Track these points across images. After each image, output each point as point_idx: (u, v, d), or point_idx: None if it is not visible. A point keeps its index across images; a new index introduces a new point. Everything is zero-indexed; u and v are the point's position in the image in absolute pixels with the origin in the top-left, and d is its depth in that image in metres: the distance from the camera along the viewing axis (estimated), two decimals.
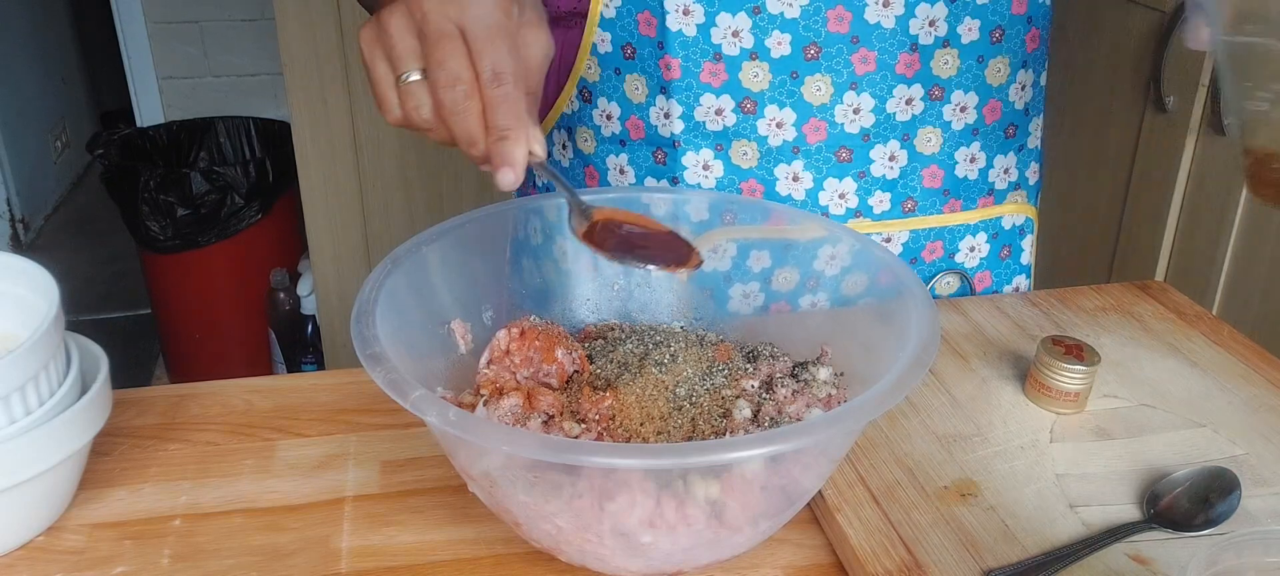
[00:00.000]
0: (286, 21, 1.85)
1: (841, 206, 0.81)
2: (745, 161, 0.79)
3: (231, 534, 0.62)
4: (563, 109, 0.82)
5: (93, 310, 2.90)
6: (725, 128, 0.78)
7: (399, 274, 0.61)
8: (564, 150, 0.84)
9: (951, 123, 0.79)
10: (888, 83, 0.77)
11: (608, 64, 0.78)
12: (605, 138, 0.81)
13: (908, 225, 0.83)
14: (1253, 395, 0.71)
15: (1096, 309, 0.82)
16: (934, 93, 0.78)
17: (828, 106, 0.76)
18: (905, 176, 0.81)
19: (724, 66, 0.75)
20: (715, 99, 0.77)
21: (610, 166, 0.82)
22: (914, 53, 0.76)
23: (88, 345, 0.65)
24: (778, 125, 0.77)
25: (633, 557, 0.54)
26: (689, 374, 0.62)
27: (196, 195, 2.30)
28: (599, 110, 0.81)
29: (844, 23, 0.74)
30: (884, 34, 0.75)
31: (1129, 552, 0.57)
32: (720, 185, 0.80)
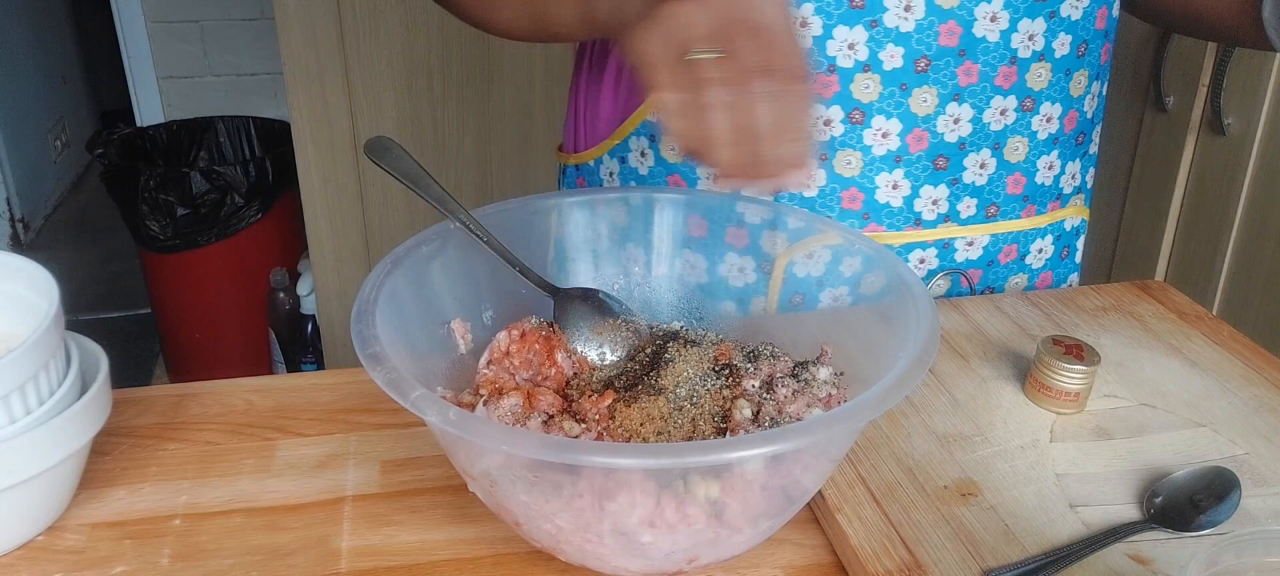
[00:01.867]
0: (286, 21, 1.85)
1: (934, 212, 0.83)
2: (848, 170, 0.80)
3: (231, 533, 0.62)
4: (646, 116, 0.82)
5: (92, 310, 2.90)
6: (831, 138, 0.79)
7: (399, 273, 0.61)
8: (644, 157, 0.84)
9: (1037, 132, 0.82)
10: (987, 94, 0.80)
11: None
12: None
13: (989, 230, 0.85)
14: (1253, 395, 0.71)
15: (1097, 309, 0.82)
16: (1026, 104, 0.81)
17: (931, 117, 0.79)
18: (992, 183, 0.84)
19: (837, 78, 0.77)
20: (825, 110, 0.78)
21: (702, 174, 0.83)
22: (1013, 65, 0.79)
23: (87, 345, 0.65)
24: (883, 135, 0.79)
25: (632, 557, 0.54)
26: (689, 374, 0.62)
27: (196, 195, 2.30)
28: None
29: (954, 37, 0.77)
30: (988, 47, 0.78)
31: (1129, 552, 0.57)
32: (822, 193, 0.82)
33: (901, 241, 0.83)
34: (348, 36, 1.87)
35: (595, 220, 0.71)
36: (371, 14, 1.86)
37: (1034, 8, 0.77)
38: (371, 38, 1.88)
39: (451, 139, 1.98)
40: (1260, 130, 1.44)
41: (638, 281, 0.72)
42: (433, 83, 1.93)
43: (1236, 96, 1.46)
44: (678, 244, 0.71)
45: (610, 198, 0.72)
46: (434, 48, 1.90)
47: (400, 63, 1.90)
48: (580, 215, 0.71)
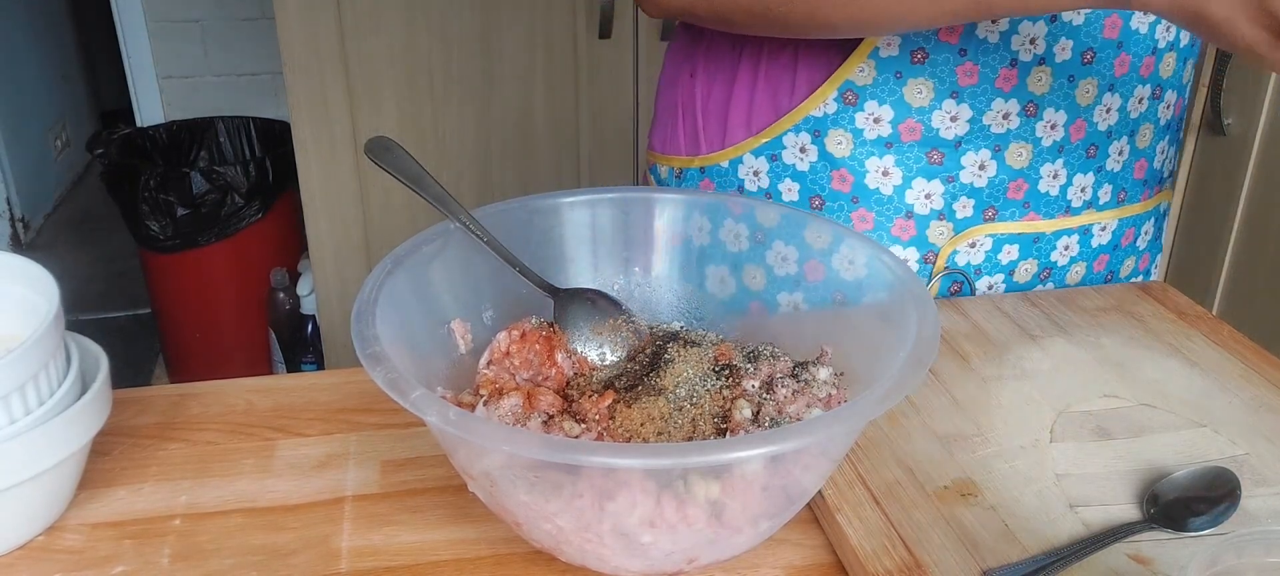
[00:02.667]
0: (287, 20, 1.85)
1: (1080, 199, 0.87)
2: (1019, 161, 0.83)
3: (231, 533, 0.62)
4: (810, 112, 0.83)
5: (92, 309, 2.90)
6: (1008, 130, 0.82)
7: (399, 273, 0.61)
8: (804, 153, 0.85)
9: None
10: (1131, 84, 0.83)
11: (887, 68, 0.80)
12: (869, 140, 0.83)
13: (1118, 214, 0.89)
14: (1253, 395, 0.71)
15: (1097, 309, 0.82)
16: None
17: (1089, 106, 0.83)
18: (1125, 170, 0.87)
19: (1017, 72, 0.80)
20: (1004, 103, 0.81)
21: (871, 169, 0.84)
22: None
23: (87, 345, 0.65)
24: (1052, 127, 0.83)
25: (633, 557, 0.54)
26: (689, 374, 0.62)
27: (196, 194, 2.30)
28: (866, 114, 0.82)
29: None
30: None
31: (1129, 552, 0.57)
32: (991, 183, 0.84)
33: (1053, 229, 0.86)
34: (348, 36, 1.87)
35: (596, 220, 0.71)
36: (372, 13, 1.86)
37: None
38: (372, 37, 1.88)
39: (452, 139, 1.98)
40: (1260, 131, 1.44)
41: (637, 281, 0.72)
42: (433, 82, 1.93)
43: (1236, 97, 1.46)
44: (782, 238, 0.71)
45: (610, 197, 0.72)
46: (434, 47, 1.90)
47: (400, 62, 1.90)
48: (580, 215, 0.71)
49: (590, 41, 1.93)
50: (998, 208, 0.85)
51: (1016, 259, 0.87)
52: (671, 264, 0.72)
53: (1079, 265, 0.89)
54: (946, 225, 0.85)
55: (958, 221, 0.85)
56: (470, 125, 1.97)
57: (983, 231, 0.85)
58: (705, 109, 0.90)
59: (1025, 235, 0.86)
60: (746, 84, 0.87)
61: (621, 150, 2.03)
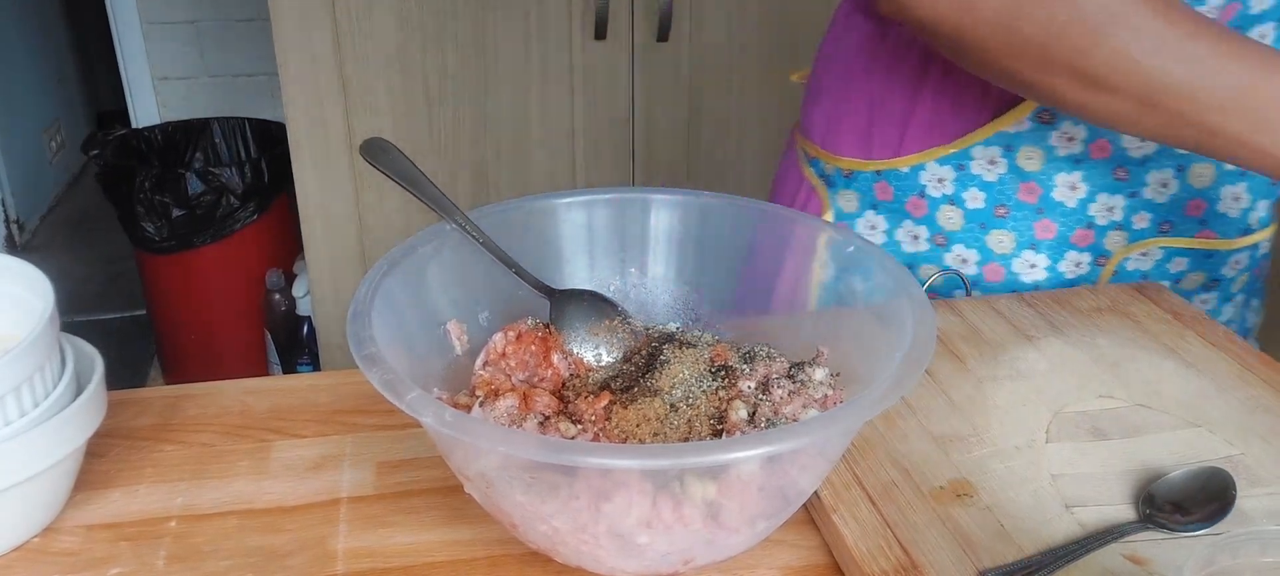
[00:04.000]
0: (282, 22, 1.84)
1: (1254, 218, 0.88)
2: (1200, 182, 0.85)
3: (227, 535, 0.61)
4: (1002, 128, 0.85)
5: (88, 311, 2.89)
6: None
7: (395, 275, 0.61)
8: (993, 165, 0.87)
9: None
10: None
11: None
12: (1060, 156, 0.85)
13: None
14: (1248, 396, 0.71)
15: (1093, 309, 0.82)
16: None
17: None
18: None
19: None
20: None
21: (1059, 183, 0.86)
22: None
23: (83, 346, 0.64)
24: None
25: (629, 558, 0.54)
26: (685, 375, 0.62)
27: (192, 196, 2.30)
28: (1060, 132, 0.84)
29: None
30: None
31: (1125, 553, 0.57)
32: (1172, 199, 0.86)
33: (1228, 247, 0.88)
34: (343, 37, 1.87)
35: (592, 220, 0.71)
36: (367, 15, 1.86)
37: None
38: (367, 38, 1.87)
39: (447, 140, 1.98)
40: None
41: (633, 282, 0.72)
42: (428, 84, 1.93)
43: None
44: None
45: (606, 198, 0.72)
46: (430, 48, 1.90)
47: (396, 64, 1.90)
48: (576, 216, 0.71)
49: (586, 43, 1.93)
50: (1174, 222, 0.86)
51: (1185, 270, 0.89)
52: (667, 265, 0.72)
53: (1244, 276, 0.91)
54: (1122, 234, 0.87)
55: (1133, 232, 0.87)
56: (466, 126, 1.97)
57: (1156, 243, 0.87)
58: (882, 112, 0.90)
59: (1197, 250, 0.87)
60: (932, 94, 0.88)
61: (617, 151, 2.03)
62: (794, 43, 1.97)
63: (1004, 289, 0.89)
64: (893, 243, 0.93)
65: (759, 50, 1.98)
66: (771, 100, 2.02)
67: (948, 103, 0.87)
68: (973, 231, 0.89)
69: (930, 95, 0.88)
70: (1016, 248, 0.87)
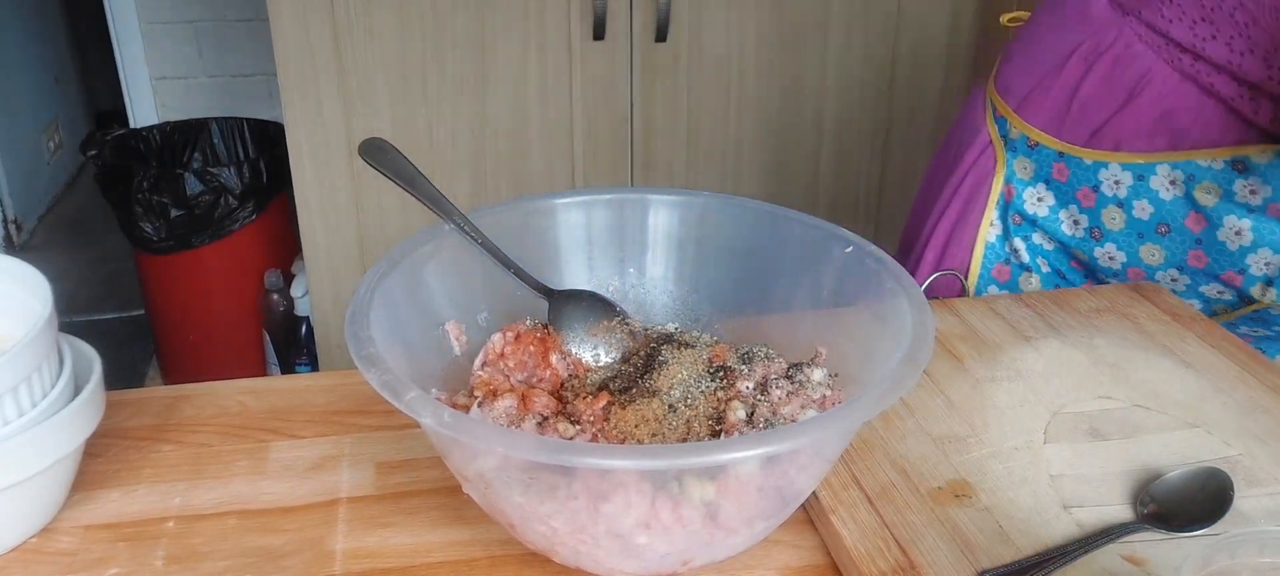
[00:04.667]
0: (280, 22, 1.84)
1: None
2: None
3: (225, 535, 0.61)
4: (1195, 159, 0.87)
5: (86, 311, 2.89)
6: None
7: (394, 275, 0.61)
8: (1172, 187, 0.88)
9: None
10: None
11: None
12: (1236, 202, 0.87)
13: None
14: (1246, 396, 0.71)
15: (1091, 310, 0.82)
16: None
17: None
18: None
19: None
20: None
21: (1227, 224, 0.87)
22: None
23: (81, 346, 0.64)
24: None
25: (628, 559, 0.54)
26: (684, 376, 0.62)
27: (190, 196, 2.29)
28: (1247, 183, 0.86)
29: None
30: None
31: (1123, 553, 0.57)
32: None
33: None
34: (342, 37, 1.87)
35: (590, 221, 0.71)
36: (365, 15, 1.86)
37: None
38: (365, 38, 1.87)
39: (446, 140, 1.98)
40: None
41: (632, 283, 0.72)
42: (427, 84, 1.93)
43: None
44: None
45: (605, 199, 0.72)
46: (428, 49, 1.90)
47: (394, 64, 1.90)
48: (575, 216, 0.71)
49: (584, 43, 1.93)
50: None
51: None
52: (666, 265, 0.72)
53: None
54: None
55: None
56: (464, 126, 1.97)
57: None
58: (1086, 101, 0.91)
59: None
60: (1141, 113, 0.88)
61: (616, 151, 2.03)
62: (792, 42, 1.97)
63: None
64: (1054, 220, 0.95)
65: (757, 51, 1.98)
66: (770, 100, 2.02)
67: (1148, 119, 0.88)
68: (1130, 237, 0.90)
69: (1139, 108, 0.88)
70: (1165, 263, 0.89)
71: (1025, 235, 0.96)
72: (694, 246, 0.71)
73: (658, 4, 1.88)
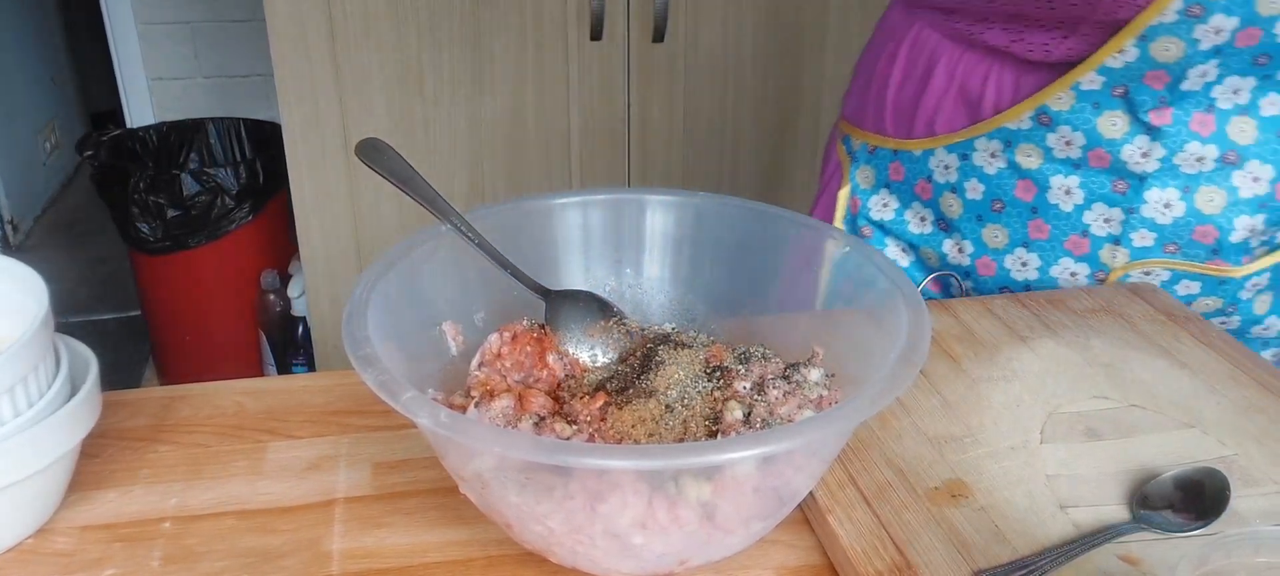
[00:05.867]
0: (277, 22, 1.84)
1: None
2: (1210, 207, 0.84)
3: (222, 536, 0.61)
4: (1005, 123, 0.86)
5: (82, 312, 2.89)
6: (1200, 173, 0.83)
7: (390, 275, 0.61)
8: (994, 159, 0.88)
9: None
10: None
11: (1086, 99, 0.82)
12: (1057, 158, 0.85)
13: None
14: (1241, 396, 0.71)
15: (1087, 310, 0.83)
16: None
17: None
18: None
19: (1213, 118, 0.80)
20: (1201, 146, 0.81)
21: (1055, 185, 0.86)
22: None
23: (77, 347, 0.64)
24: (1254, 179, 0.82)
25: (624, 559, 0.54)
26: (681, 376, 0.62)
27: (187, 196, 2.29)
28: (1058, 135, 0.84)
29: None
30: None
31: (1119, 553, 0.57)
32: (1177, 222, 0.85)
33: (1242, 273, 0.86)
34: (338, 38, 1.86)
35: (587, 221, 0.71)
36: (362, 15, 1.86)
37: None
38: (362, 39, 1.87)
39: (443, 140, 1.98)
40: None
41: (629, 283, 0.72)
42: (424, 84, 1.93)
43: None
44: None
45: (602, 199, 0.72)
46: (425, 49, 1.90)
47: (391, 64, 1.90)
48: (572, 217, 0.71)
49: (581, 43, 1.93)
50: (1181, 246, 0.85)
51: (1196, 293, 0.87)
52: (663, 266, 0.72)
53: (1267, 296, 0.89)
54: (1122, 250, 0.86)
55: (1135, 249, 0.86)
56: (461, 127, 1.97)
57: (1161, 264, 0.86)
58: (896, 99, 0.94)
59: (1209, 276, 0.86)
60: (938, 90, 0.90)
61: (613, 152, 2.03)
62: (789, 43, 1.97)
63: (994, 284, 0.90)
64: (901, 221, 0.96)
65: (754, 51, 1.98)
66: (767, 101, 2.02)
67: (947, 101, 0.90)
68: (970, 222, 0.90)
69: (934, 93, 0.90)
70: (1009, 243, 0.88)
71: (878, 245, 0.98)
72: (691, 247, 0.72)
73: (655, 4, 1.88)
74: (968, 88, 0.88)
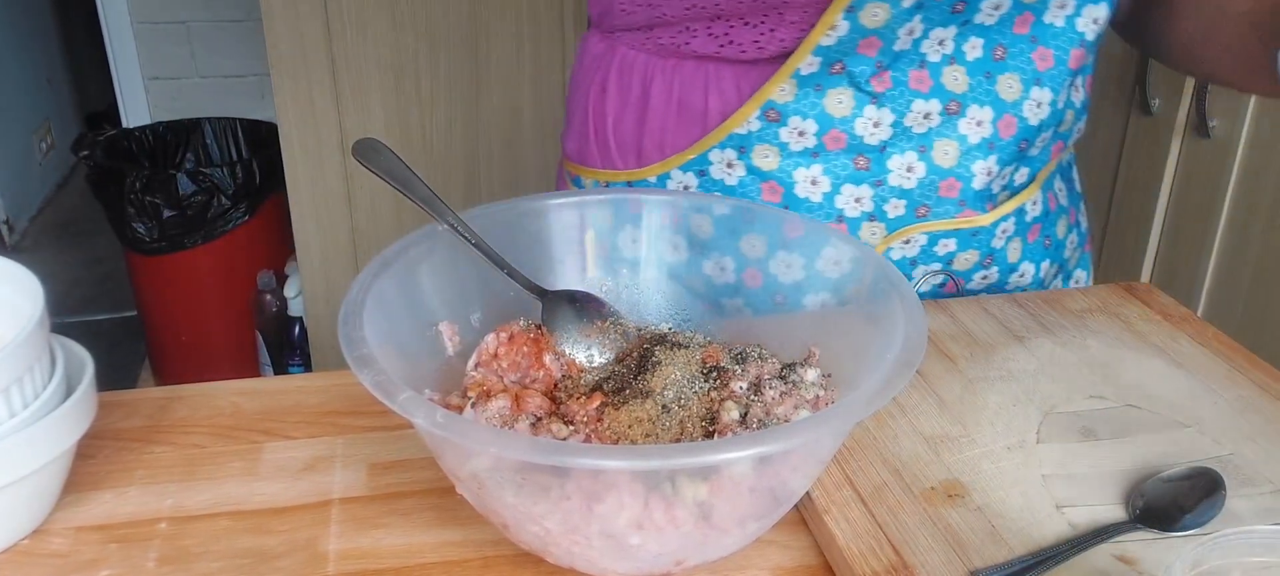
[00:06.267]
0: (273, 22, 1.84)
1: None
2: (947, 160, 0.84)
3: (218, 536, 0.61)
4: (733, 130, 0.84)
5: (78, 312, 2.88)
6: (929, 129, 0.83)
7: (387, 275, 0.61)
8: (731, 169, 0.86)
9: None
10: None
11: (807, 83, 0.81)
12: (795, 152, 0.84)
13: None
14: (1238, 396, 0.71)
15: (1083, 310, 0.83)
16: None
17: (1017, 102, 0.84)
18: None
19: (928, 72, 0.81)
20: (924, 103, 0.81)
21: (799, 179, 0.85)
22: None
23: (73, 347, 0.64)
24: (977, 123, 0.83)
25: (621, 559, 0.54)
26: (677, 376, 0.62)
27: (183, 196, 2.29)
28: (790, 128, 0.83)
29: None
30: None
31: (1115, 552, 0.57)
32: (921, 184, 0.85)
33: (990, 220, 0.86)
34: (335, 38, 1.86)
35: (583, 222, 0.71)
36: (359, 15, 1.86)
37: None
38: (359, 39, 1.87)
39: (439, 140, 1.98)
40: (1244, 133, 1.45)
41: (625, 283, 0.72)
42: (420, 84, 1.93)
43: (1221, 100, 1.47)
44: (773, 246, 0.72)
45: (598, 199, 0.72)
46: (422, 49, 1.90)
47: (388, 64, 1.90)
48: (568, 217, 0.71)
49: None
50: (931, 205, 0.85)
51: (955, 250, 0.87)
52: (659, 266, 0.72)
53: (1016, 242, 0.89)
54: (878, 226, 0.85)
55: (889, 221, 0.85)
56: (458, 126, 1.97)
57: (918, 229, 0.85)
58: (617, 131, 0.90)
59: (962, 230, 0.86)
60: (659, 111, 0.87)
61: None
62: None
63: (764, 294, 0.77)
64: (654, 254, 0.87)
65: None
66: None
67: (670, 120, 0.87)
68: (724, 238, 0.79)
69: (656, 115, 0.87)
70: (769, 249, 0.78)
71: None
72: (687, 246, 0.72)
73: None
74: (689, 102, 0.86)
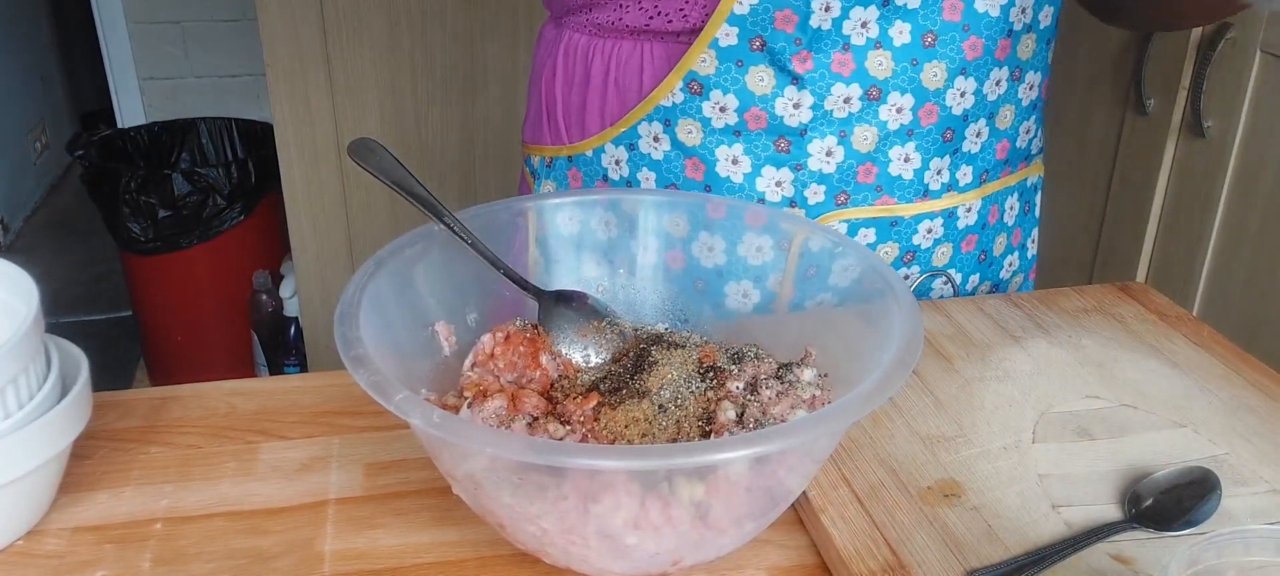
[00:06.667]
0: (269, 22, 1.84)
1: (938, 182, 0.87)
2: (865, 145, 0.83)
3: (213, 537, 0.61)
4: (659, 101, 0.84)
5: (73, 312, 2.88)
6: (850, 114, 0.82)
7: (382, 276, 0.61)
8: (657, 142, 0.86)
9: (1022, 100, 0.85)
10: (987, 66, 0.83)
11: (727, 57, 0.80)
12: (717, 129, 0.83)
13: (982, 193, 0.89)
14: (1233, 396, 0.71)
15: (1078, 310, 0.83)
16: (1015, 74, 0.84)
17: (941, 90, 0.83)
18: (984, 150, 0.88)
19: (852, 56, 0.80)
20: (845, 87, 0.81)
21: (721, 157, 0.85)
22: (1008, 38, 0.82)
23: (68, 347, 0.64)
24: (897, 110, 0.82)
25: (617, 559, 0.54)
26: (673, 376, 0.62)
27: (178, 196, 2.29)
28: (712, 103, 0.83)
29: (956, 11, 0.80)
30: (991, 21, 0.81)
31: (1111, 552, 0.57)
32: (840, 168, 0.84)
33: (912, 212, 0.86)
34: (331, 37, 1.86)
35: (579, 222, 0.71)
36: (354, 15, 1.85)
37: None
38: (354, 38, 1.87)
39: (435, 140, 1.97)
40: (1240, 133, 1.45)
41: (622, 283, 0.72)
42: (416, 84, 1.92)
43: (1216, 99, 1.48)
44: (694, 229, 0.71)
45: (594, 199, 0.72)
46: (417, 48, 1.90)
47: (383, 64, 1.90)
48: (564, 216, 0.71)
49: None
50: (850, 192, 0.84)
51: (874, 242, 0.87)
52: (656, 266, 0.72)
53: (945, 246, 0.89)
54: (798, 212, 0.85)
55: (810, 208, 0.85)
56: (454, 126, 1.97)
57: (836, 217, 0.85)
58: (565, 108, 0.92)
59: (881, 219, 0.86)
60: (598, 86, 0.88)
61: None
62: None
63: (685, 277, 0.78)
64: (589, 231, 0.89)
65: None
66: None
67: (610, 90, 0.88)
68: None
69: (596, 89, 0.89)
70: (692, 231, 0.78)
71: None
72: (683, 246, 0.72)
73: None
74: (624, 78, 0.87)
